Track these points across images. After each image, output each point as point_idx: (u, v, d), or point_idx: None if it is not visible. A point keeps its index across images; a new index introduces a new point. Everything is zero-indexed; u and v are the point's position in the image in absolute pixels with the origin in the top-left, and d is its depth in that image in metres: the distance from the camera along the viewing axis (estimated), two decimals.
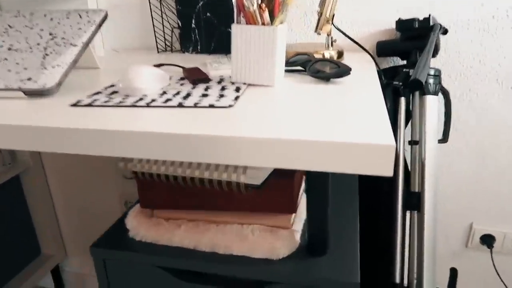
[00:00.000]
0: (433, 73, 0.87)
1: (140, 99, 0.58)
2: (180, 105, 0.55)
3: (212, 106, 0.54)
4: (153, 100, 0.58)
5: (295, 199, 0.63)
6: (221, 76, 0.72)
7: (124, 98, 0.59)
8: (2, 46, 0.70)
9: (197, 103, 0.55)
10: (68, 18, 0.74)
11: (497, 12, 0.90)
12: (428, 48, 0.80)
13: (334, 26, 0.85)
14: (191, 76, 0.68)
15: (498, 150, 1.02)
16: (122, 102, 0.57)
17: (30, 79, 0.63)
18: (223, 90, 0.62)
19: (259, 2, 0.60)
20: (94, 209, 1.42)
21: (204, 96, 0.59)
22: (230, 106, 0.54)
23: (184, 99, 0.58)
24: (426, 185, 0.87)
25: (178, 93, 0.61)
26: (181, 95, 0.60)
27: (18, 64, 0.66)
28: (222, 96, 0.59)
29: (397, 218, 0.90)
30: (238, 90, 0.62)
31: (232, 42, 0.64)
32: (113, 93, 0.62)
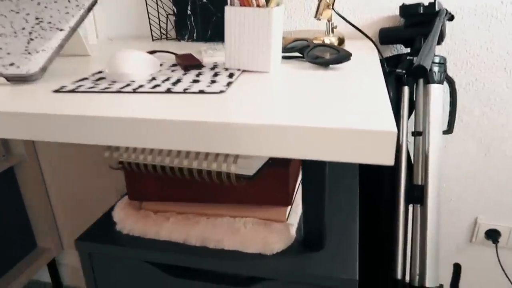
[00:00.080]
0: (438, 60, 0.83)
1: (127, 85, 0.55)
2: (168, 90, 0.52)
3: (202, 91, 0.51)
4: (140, 86, 0.55)
5: (291, 191, 0.60)
6: (215, 63, 0.69)
7: (110, 84, 0.56)
8: None
9: (186, 89, 0.52)
10: (56, 2, 0.70)
11: None
12: (433, 33, 0.76)
13: (335, 11, 0.82)
14: (184, 62, 0.65)
15: (504, 143, 0.99)
16: (107, 88, 0.54)
17: (12, 65, 0.60)
18: (216, 76, 0.59)
19: None
20: (90, 201, 1.40)
21: (195, 82, 0.56)
22: (222, 91, 0.51)
23: (173, 85, 0.54)
24: (430, 177, 0.83)
25: (168, 79, 0.58)
26: (170, 81, 0.57)
27: (1, 49, 0.63)
28: (213, 82, 0.56)
29: (399, 211, 0.87)
30: (231, 76, 0.59)
31: (225, 25, 0.61)
32: (99, 79, 0.59)
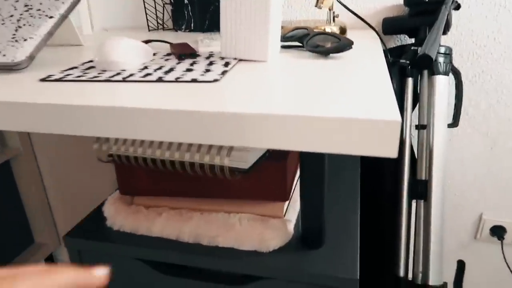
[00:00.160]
0: (443, 51, 0.80)
1: (117, 74, 0.52)
2: (160, 79, 0.49)
3: (195, 80, 0.49)
4: (131, 74, 0.52)
5: (288, 185, 0.58)
6: (211, 52, 0.66)
7: (99, 73, 0.53)
8: None
9: (178, 78, 0.50)
10: None
11: None
12: (438, 23, 0.73)
13: (337, 0, 0.79)
14: (178, 51, 0.62)
15: (511, 137, 0.95)
16: (96, 77, 0.51)
17: None
18: (211, 65, 0.56)
19: None
20: (88, 195, 1.38)
21: (188, 71, 0.53)
22: (216, 80, 0.48)
23: (165, 74, 0.52)
24: (434, 172, 0.81)
25: (160, 68, 0.56)
26: (163, 70, 0.54)
27: None
28: (208, 71, 0.53)
29: (402, 207, 0.84)
30: (226, 65, 0.56)
31: (221, 12, 0.58)
32: (89, 68, 0.57)
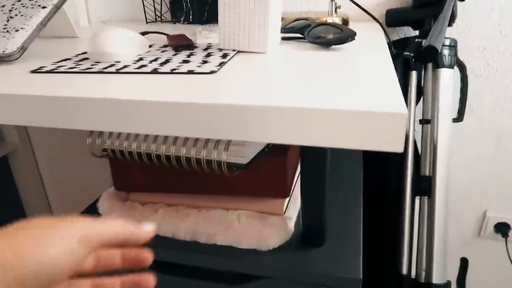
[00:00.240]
0: (448, 43, 0.78)
1: (111, 65, 0.51)
2: (155, 71, 0.47)
3: (191, 72, 0.47)
4: (125, 66, 0.50)
5: (289, 181, 0.56)
6: (209, 44, 0.64)
7: (93, 65, 0.51)
8: None
9: (174, 69, 0.48)
10: None
11: None
12: (444, 13, 0.71)
13: None
14: (175, 43, 0.60)
15: None
16: (89, 69, 0.49)
17: None
18: (208, 56, 0.54)
19: None
20: (87, 189, 1.37)
21: (184, 62, 0.51)
22: (213, 72, 0.46)
23: (161, 65, 0.50)
24: (438, 168, 0.79)
25: (156, 59, 0.54)
26: (158, 62, 0.52)
27: None
28: (205, 62, 0.51)
29: (405, 203, 0.82)
30: (225, 56, 0.54)
31: (219, 2, 0.56)
32: (83, 60, 0.55)
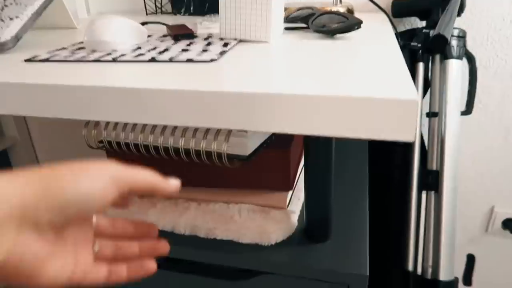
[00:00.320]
0: (457, 34, 0.76)
1: (107, 54, 0.49)
2: (152, 59, 0.46)
3: (190, 60, 0.45)
4: (122, 55, 0.48)
5: (292, 174, 0.54)
6: (210, 33, 0.62)
7: (89, 54, 0.49)
8: None
9: (173, 58, 0.46)
10: None
11: None
12: (453, 3, 0.69)
13: None
14: (174, 32, 0.59)
15: None
16: (84, 57, 0.47)
17: None
18: (208, 45, 0.52)
19: None
20: None
21: (184, 51, 0.49)
22: (213, 60, 0.45)
23: (159, 54, 0.48)
24: (446, 162, 0.76)
25: (154, 48, 0.52)
26: (157, 50, 0.50)
27: None
28: (205, 51, 0.49)
29: (411, 198, 0.80)
30: (226, 45, 0.52)
31: None
32: (79, 49, 0.53)
